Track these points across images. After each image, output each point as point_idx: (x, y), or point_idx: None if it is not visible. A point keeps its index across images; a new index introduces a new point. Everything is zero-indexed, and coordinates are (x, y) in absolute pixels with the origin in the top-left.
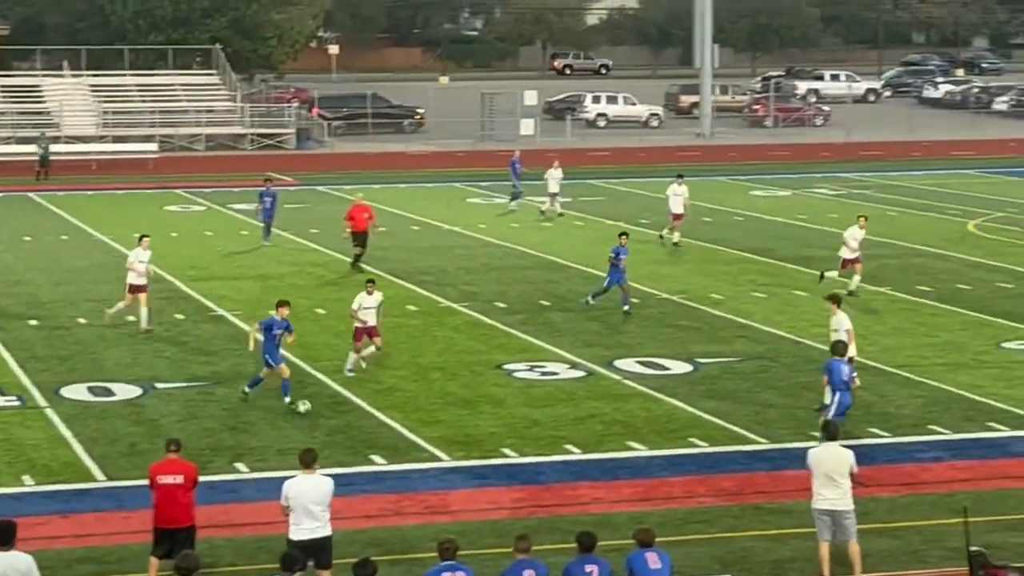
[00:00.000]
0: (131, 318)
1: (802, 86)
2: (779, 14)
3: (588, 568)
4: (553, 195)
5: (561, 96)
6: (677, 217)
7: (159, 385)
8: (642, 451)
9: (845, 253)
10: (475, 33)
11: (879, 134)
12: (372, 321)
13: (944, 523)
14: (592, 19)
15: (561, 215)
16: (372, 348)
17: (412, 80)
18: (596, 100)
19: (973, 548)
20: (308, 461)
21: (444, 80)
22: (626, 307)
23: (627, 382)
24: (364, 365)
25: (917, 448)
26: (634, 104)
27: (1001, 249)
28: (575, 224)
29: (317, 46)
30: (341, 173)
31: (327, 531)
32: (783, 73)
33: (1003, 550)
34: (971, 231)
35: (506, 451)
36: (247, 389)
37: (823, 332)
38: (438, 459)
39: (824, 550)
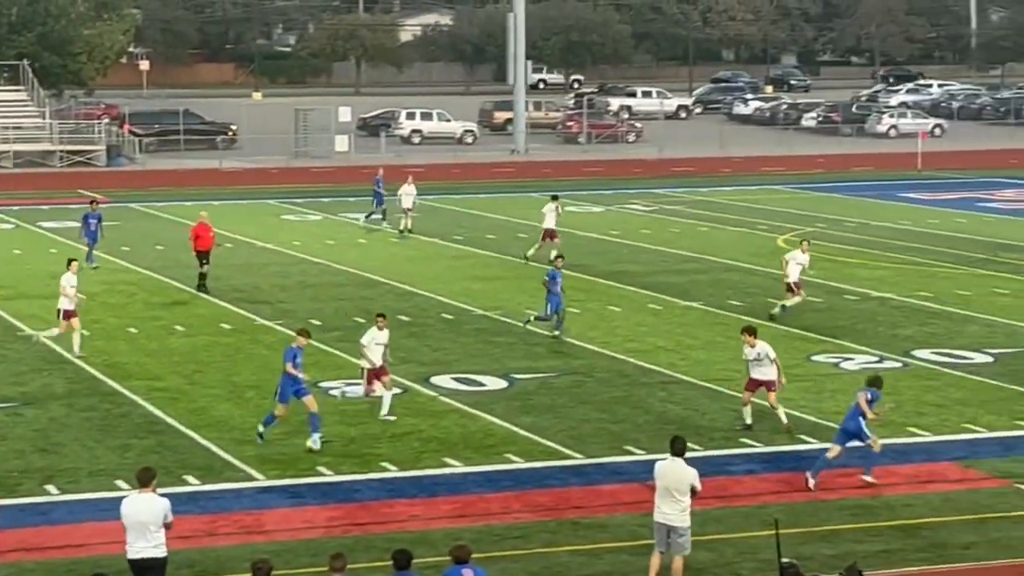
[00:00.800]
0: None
1: (615, 103)
2: (590, 31)
3: None
4: (407, 211)
5: (376, 112)
6: (549, 234)
7: None
8: (458, 467)
9: (792, 275)
10: (288, 49)
11: (690, 150)
12: (379, 360)
13: (757, 535)
14: (406, 35)
15: (410, 231)
16: (382, 390)
17: (225, 96)
18: (411, 116)
19: (785, 560)
20: (144, 480)
21: (257, 96)
22: (558, 332)
23: (443, 399)
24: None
25: (730, 461)
26: (449, 120)
27: (810, 264)
28: (390, 241)
29: (128, 62)
30: (153, 190)
31: (161, 552)
32: (596, 90)
33: (814, 561)
34: (781, 246)
35: (322, 469)
36: (261, 429)
37: (636, 347)
38: (253, 478)
39: (655, 560)
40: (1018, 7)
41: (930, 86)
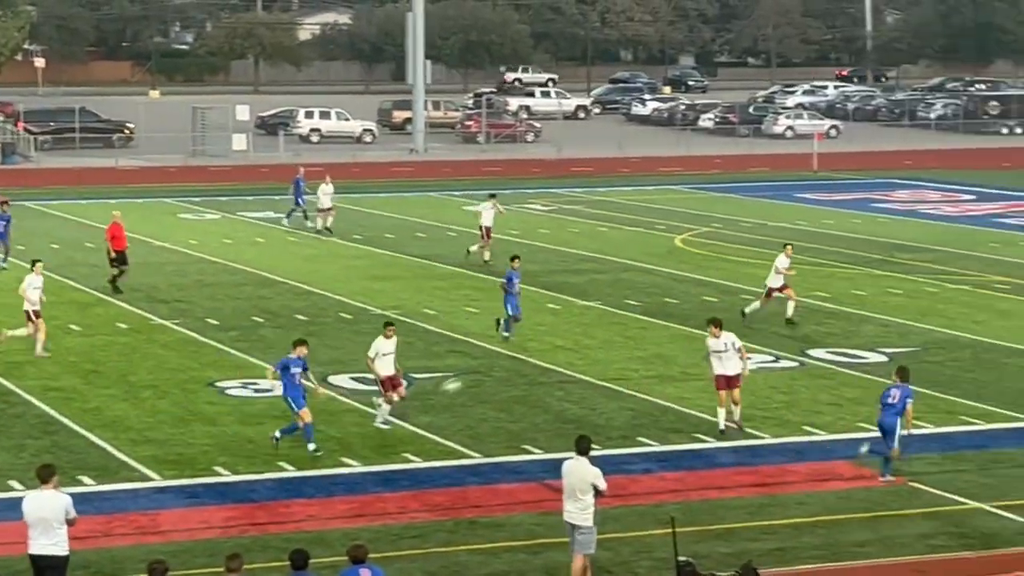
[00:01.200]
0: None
1: (513, 102)
2: (489, 31)
3: None
4: (325, 210)
5: (274, 111)
6: (487, 232)
7: None
8: (356, 467)
9: (772, 282)
10: (186, 47)
11: (589, 150)
12: (390, 370)
13: (653, 534)
14: (305, 34)
15: (329, 230)
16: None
17: (122, 94)
18: (309, 115)
19: (681, 558)
20: (44, 476)
21: (155, 94)
22: (507, 334)
23: (342, 398)
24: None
25: (626, 460)
26: (347, 120)
27: (707, 263)
28: (288, 240)
29: (23, 59)
30: (48, 189)
31: (62, 551)
32: (495, 89)
33: (710, 559)
34: (678, 246)
35: (219, 469)
36: (277, 436)
37: (535, 347)
38: (149, 479)
39: (575, 562)
40: (912, 9)
41: (826, 87)
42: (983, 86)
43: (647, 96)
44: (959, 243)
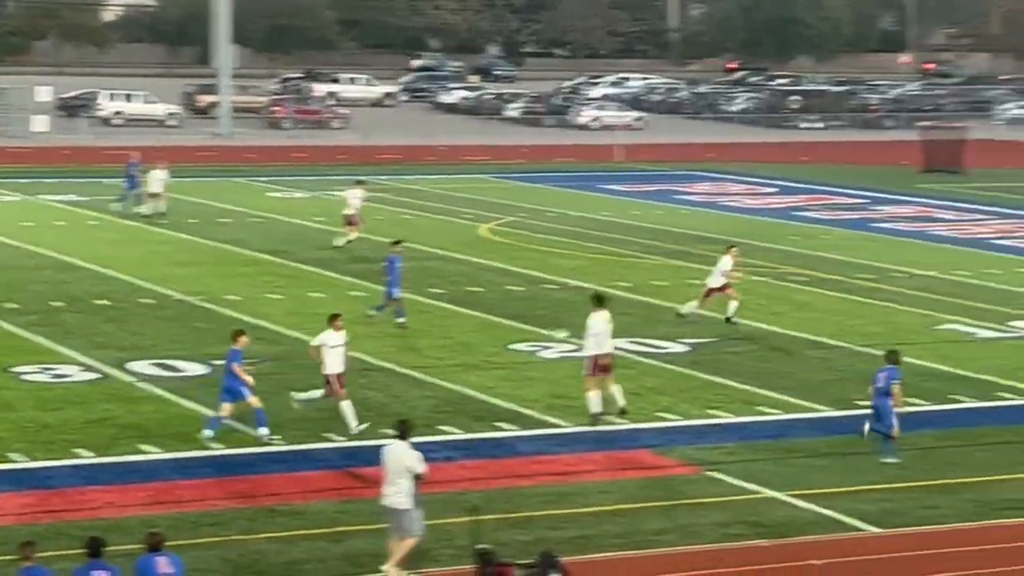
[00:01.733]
0: None
1: (320, 88)
2: (297, 16)
3: (95, 574)
4: (155, 195)
5: (75, 93)
6: (351, 220)
7: None
8: (155, 454)
9: (712, 282)
10: None
11: (396, 138)
12: (339, 367)
13: (454, 522)
14: (108, 15)
15: (163, 214)
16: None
17: None
18: (112, 98)
19: (481, 546)
20: None
21: None
22: (374, 312)
23: (141, 384)
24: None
25: (428, 448)
26: (153, 103)
27: (512, 253)
28: (88, 224)
29: None
30: None
31: None
32: (302, 75)
33: (510, 547)
34: (483, 235)
35: (14, 456)
36: (266, 431)
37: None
38: None
39: (391, 545)
40: (716, 3)
41: (631, 79)
42: (784, 80)
43: (454, 85)
44: (759, 235)
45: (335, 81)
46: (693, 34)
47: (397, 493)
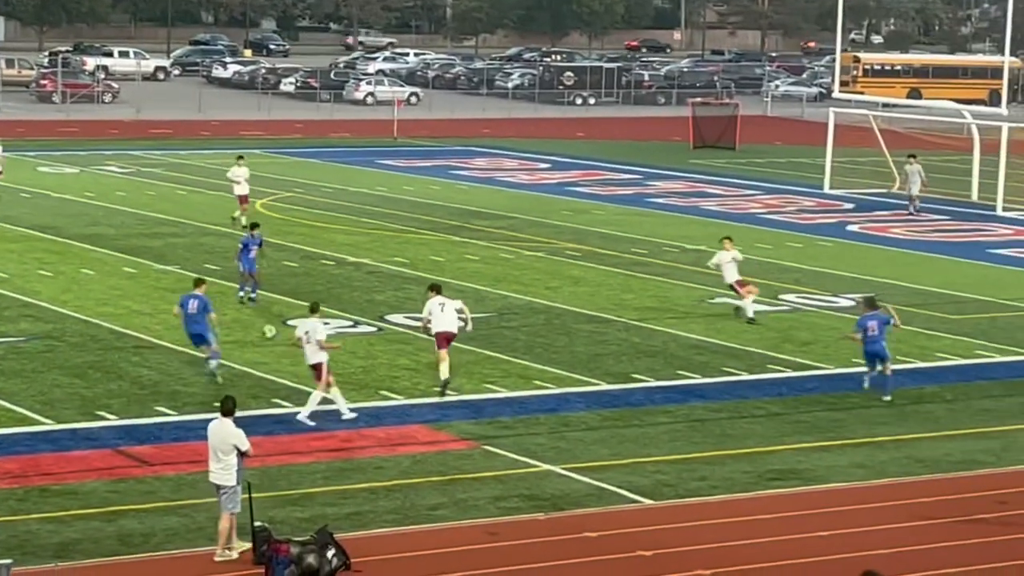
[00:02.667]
0: None
1: (91, 62)
2: None
3: None
4: None
5: None
6: (243, 199)
7: None
8: None
9: (729, 277)
10: None
11: (169, 112)
12: (319, 356)
13: None
14: None
15: None
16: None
17: None
18: None
19: (257, 524)
20: None
21: None
22: (253, 295)
23: None
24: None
25: (203, 425)
26: None
27: (287, 228)
28: None
29: None
30: None
31: None
32: (71, 48)
33: (286, 524)
34: (259, 211)
35: None
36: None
37: (110, 311)
38: None
39: (222, 522)
40: None
41: (407, 55)
42: (559, 57)
43: (228, 59)
44: (534, 210)
45: (106, 55)
46: (468, 10)
47: (222, 469)
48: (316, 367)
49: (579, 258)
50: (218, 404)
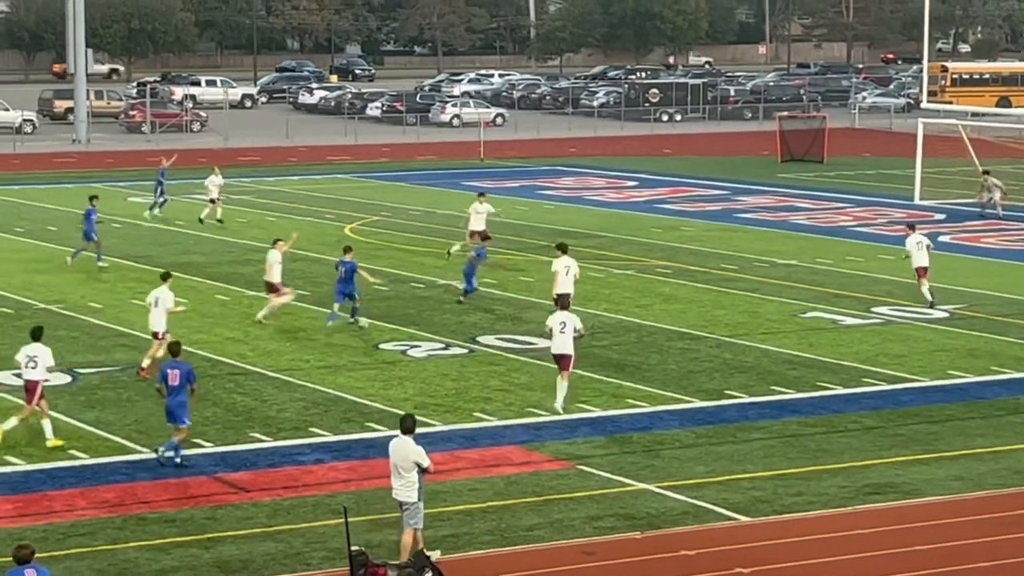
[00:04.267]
0: None
1: (179, 91)
2: (153, 19)
3: None
4: (213, 201)
5: None
6: (476, 234)
7: None
8: (21, 466)
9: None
10: None
11: (256, 140)
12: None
13: (326, 524)
14: None
15: (220, 221)
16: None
17: None
18: None
19: (354, 548)
20: None
21: None
22: (352, 319)
23: (4, 395)
24: None
25: (298, 451)
26: (7, 110)
27: (376, 252)
28: None
29: None
30: None
31: None
32: (159, 78)
33: (382, 548)
34: (347, 234)
35: None
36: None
37: (204, 339)
38: None
39: (405, 536)
40: None
41: (492, 75)
42: (644, 74)
43: (314, 85)
44: (623, 228)
45: (194, 84)
46: (552, 30)
47: (404, 486)
48: None
49: (669, 275)
50: (397, 423)
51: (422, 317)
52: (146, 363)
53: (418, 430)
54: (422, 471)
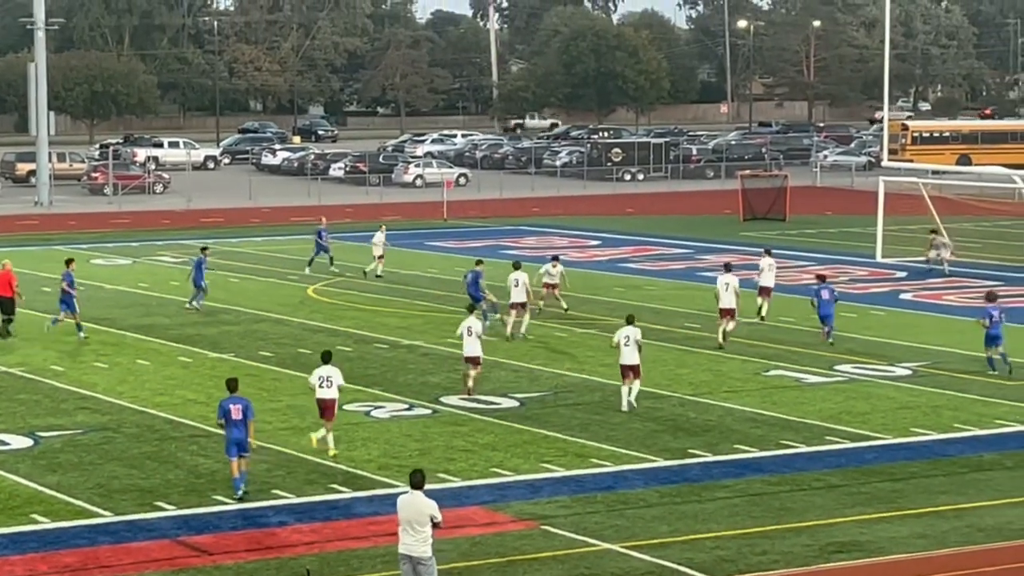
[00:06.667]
0: None
1: (141, 153)
2: (115, 81)
3: None
4: (379, 257)
5: None
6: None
7: None
8: None
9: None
10: None
11: (219, 201)
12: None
13: None
14: None
15: (379, 276)
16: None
17: None
18: None
19: None
20: None
21: None
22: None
23: None
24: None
25: (261, 513)
26: None
27: (339, 313)
28: None
29: None
30: None
31: None
32: (121, 140)
33: None
34: (311, 295)
35: None
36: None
37: (166, 401)
38: None
39: None
40: (537, 58)
41: (455, 136)
42: (606, 133)
43: (277, 146)
44: (586, 288)
45: (156, 145)
46: (514, 89)
47: (419, 542)
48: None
49: None
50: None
51: (385, 378)
52: None
53: (381, 491)
54: (435, 526)
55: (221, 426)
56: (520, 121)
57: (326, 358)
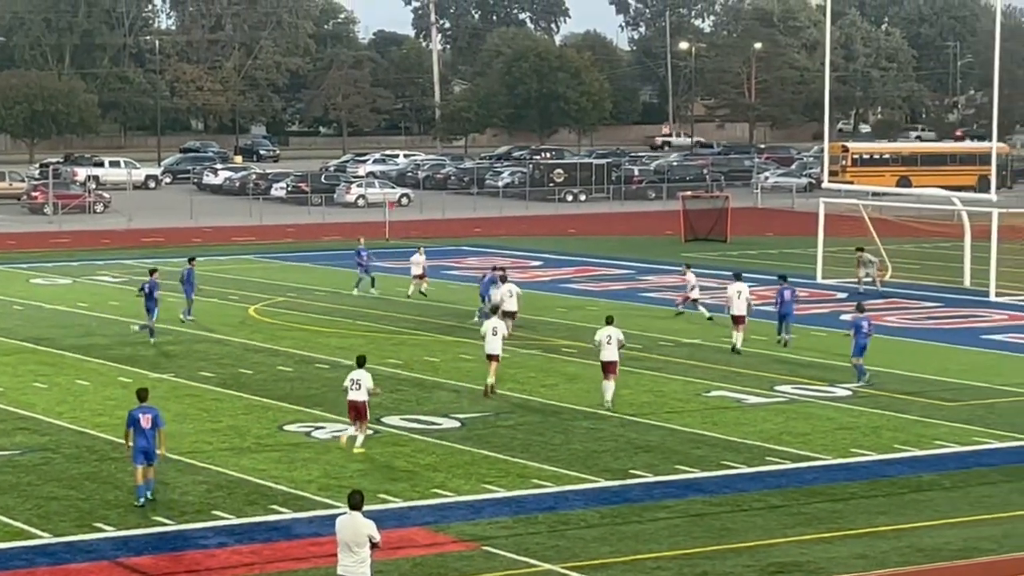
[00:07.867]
0: None
1: (82, 173)
2: (55, 100)
3: None
4: (419, 277)
5: None
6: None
7: None
8: None
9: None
10: None
11: (160, 220)
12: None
13: None
14: None
15: (423, 294)
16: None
17: None
18: None
19: None
20: None
21: None
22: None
23: None
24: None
25: (201, 535)
26: None
27: (280, 333)
28: None
29: None
30: None
31: None
32: (62, 159)
33: None
34: (251, 315)
35: None
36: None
37: (106, 421)
38: None
39: None
40: (479, 80)
41: (397, 156)
42: (548, 154)
43: (219, 165)
44: (528, 308)
45: (97, 165)
46: (457, 110)
47: (358, 563)
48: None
49: (575, 355)
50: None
51: (327, 398)
52: None
53: (320, 512)
54: (373, 546)
55: (128, 435)
56: (668, 138)
57: (360, 362)
